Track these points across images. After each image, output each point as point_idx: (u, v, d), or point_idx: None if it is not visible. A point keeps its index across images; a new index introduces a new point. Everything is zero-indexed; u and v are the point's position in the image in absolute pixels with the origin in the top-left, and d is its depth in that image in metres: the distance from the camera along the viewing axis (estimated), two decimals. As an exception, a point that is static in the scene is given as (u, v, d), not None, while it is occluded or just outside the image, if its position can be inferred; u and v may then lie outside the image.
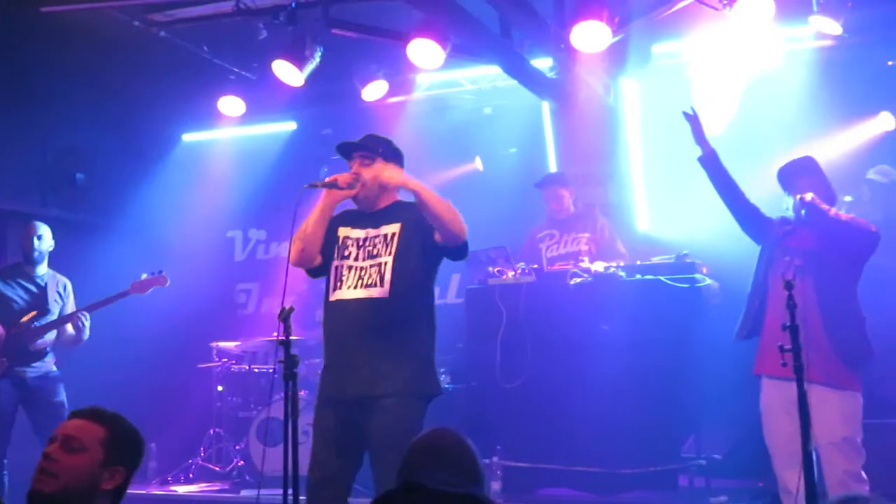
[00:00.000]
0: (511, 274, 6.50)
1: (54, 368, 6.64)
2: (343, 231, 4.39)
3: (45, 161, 7.95)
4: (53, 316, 6.55)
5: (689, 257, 6.21)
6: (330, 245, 4.38)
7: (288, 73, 6.67)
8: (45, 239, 6.60)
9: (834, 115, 6.80)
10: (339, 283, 4.33)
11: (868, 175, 6.52)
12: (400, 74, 7.61)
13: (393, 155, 4.45)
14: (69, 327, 6.56)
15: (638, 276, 6.12)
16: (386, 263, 4.25)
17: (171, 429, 7.21)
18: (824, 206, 4.72)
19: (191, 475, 7.36)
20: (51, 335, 6.54)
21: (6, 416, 6.36)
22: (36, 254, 6.56)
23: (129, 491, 2.88)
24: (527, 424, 6.24)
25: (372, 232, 4.35)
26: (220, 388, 7.66)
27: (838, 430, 4.52)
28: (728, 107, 6.98)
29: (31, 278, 6.60)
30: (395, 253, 4.25)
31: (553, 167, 8.04)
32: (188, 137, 9.09)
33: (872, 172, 6.47)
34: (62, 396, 6.59)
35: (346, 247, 4.36)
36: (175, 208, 8.23)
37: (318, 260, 4.39)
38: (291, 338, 3.98)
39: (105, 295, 6.59)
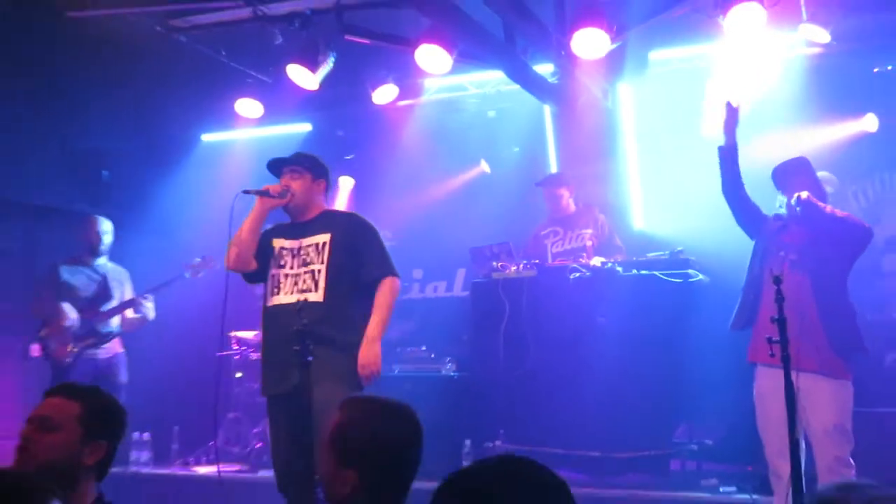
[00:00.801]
0: (514, 268, 6.52)
1: (121, 350, 6.88)
2: (277, 242, 4.54)
3: (73, 160, 7.98)
4: (115, 302, 6.73)
5: (683, 253, 6.22)
6: (266, 255, 4.53)
7: (303, 76, 6.69)
8: (108, 233, 6.84)
9: (822, 118, 6.80)
10: (276, 290, 4.47)
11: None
12: (409, 79, 7.62)
13: (319, 171, 4.61)
14: (130, 312, 6.78)
15: (634, 272, 6.12)
16: (319, 270, 4.38)
17: (192, 413, 7.24)
18: (820, 204, 4.73)
19: (211, 456, 7.40)
20: (115, 320, 6.73)
21: None
22: (102, 247, 6.81)
23: (153, 471, 2.88)
24: (528, 411, 6.26)
25: (304, 241, 4.48)
26: (238, 375, 7.70)
27: (831, 418, 4.53)
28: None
29: (93, 268, 6.79)
30: (328, 260, 4.38)
31: (554, 167, 8.06)
32: (207, 138, 9.11)
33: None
34: (124, 377, 6.83)
35: (282, 256, 4.50)
36: (195, 204, 8.24)
37: (253, 265, 4.54)
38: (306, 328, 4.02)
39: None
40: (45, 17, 6.83)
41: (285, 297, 4.41)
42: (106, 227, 6.88)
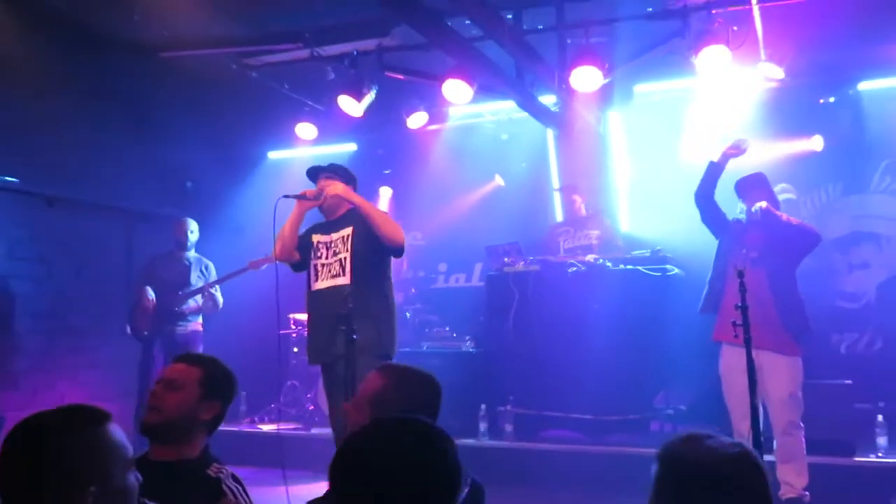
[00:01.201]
0: (522, 264, 6.52)
1: (199, 329, 6.89)
2: (315, 237, 4.56)
3: (162, 172, 8.03)
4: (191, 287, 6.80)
5: (662, 252, 6.21)
6: (307, 249, 4.55)
7: (350, 105, 6.70)
8: (194, 232, 6.93)
9: (778, 138, 6.75)
10: (316, 277, 4.48)
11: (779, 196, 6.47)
12: (436, 107, 7.61)
13: (348, 178, 4.62)
14: (199, 298, 6.79)
15: (621, 267, 6.12)
16: (346, 258, 4.39)
17: (258, 381, 7.28)
18: (777, 212, 4.73)
19: (273, 416, 7.45)
20: (192, 302, 6.76)
21: (161, 364, 6.53)
22: (189, 242, 6.89)
23: (223, 428, 2.86)
24: (533, 380, 6.26)
25: (335, 235, 4.49)
26: (295, 350, 7.73)
27: (786, 388, 4.52)
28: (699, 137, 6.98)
29: (180, 259, 6.83)
30: (351, 250, 4.38)
31: (556, 181, 8.03)
32: (273, 155, 9.15)
33: (779, 193, 6.41)
34: (200, 350, 6.72)
35: (319, 249, 4.52)
36: (261, 210, 8.24)
37: (296, 256, 4.56)
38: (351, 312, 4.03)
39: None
40: (142, 56, 6.90)
41: (322, 283, 4.43)
42: (193, 227, 6.94)
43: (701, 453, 1.70)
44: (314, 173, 4.66)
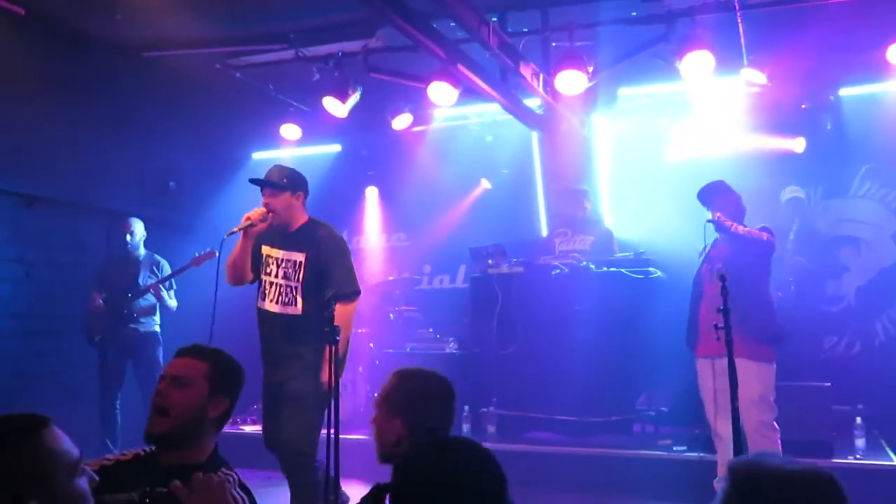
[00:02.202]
0: (506, 266, 6.54)
1: (155, 330, 6.70)
2: (265, 249, 4.34)
3: (145, 172, 7.99)
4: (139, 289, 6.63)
5: (645, 254, 6.24)
6: (256, 260, 4.34)
7: (335, 106, 6.71)
8: (136, 232, 6.70)
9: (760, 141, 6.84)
10: (264, 295, 4.32)
11: (785, 195, 6.55)
12: (421, 109, 7.63)
13: (297, 185, 4.28)
14: (150, 297, 6.61)
15: (604, 269, 6.15)
16: (297, 288, 4.23)
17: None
18: (727, 223, 4.73)
19: (255, 417, 7.41)
20: (143, 302, 6.59)
21: (117, 368, 6.45)
22: (131, 243, 6.67)
23: None
24: (517, 382, 6.28)
25: (286, 255, 4.28)
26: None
27: (755, 391, 4.56)
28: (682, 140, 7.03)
29: (130, 261, 6.67)
30: (303, 280, 4.22)
31: (540, 184, 8.08)
32: (257, 155, 9.10)
33: (789, 192, 6.49)
34: (157, 352, 6.65)
35: (269, 265, 4.32)
36: (245, 210, 8.24)
37: (250, 277, 4.37)
38: (333, 313, 4.01)
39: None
40: (125, 56, 6.87)
41: (272, 305, 4.27)
42: (136, 227, 6.73)
43: (776, 469, 1.60)
44: (258, 184, 4.33)
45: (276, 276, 4.27)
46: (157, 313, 6.73)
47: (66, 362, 6.87)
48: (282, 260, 4.28)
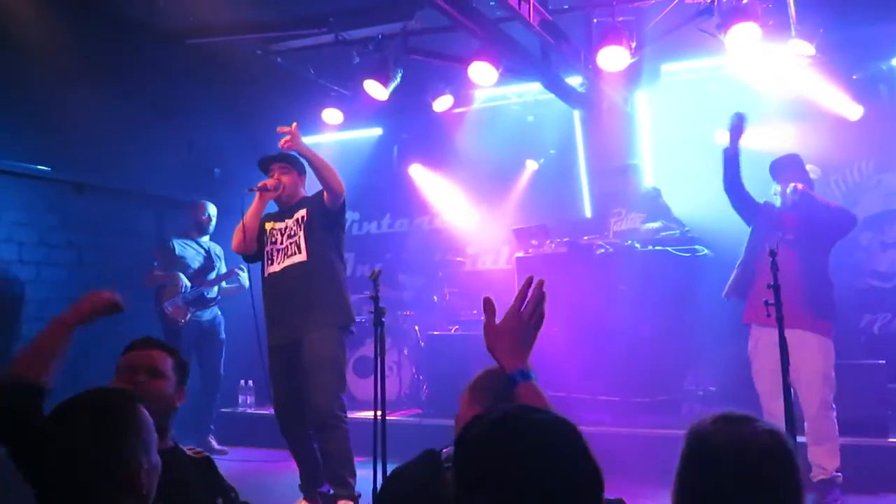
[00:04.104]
0: (549, 246, 6.49)
1: (220, 313, 6.98)
2: (269, 225, 4.68)
3: (191, 159, 8.09)
4: (216, 273, 6.87)
5: (690, 232, 6.14)
6: (261, 237, 4.66)
7: (375, 89, 6.69)
8: (214, 216, 6.97)
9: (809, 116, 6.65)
10: (269, 262, 4.60)
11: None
12: (462, 90, 7.58)
13: (302, 168, 4.75)
14: (224, 283, 6.87)
15: (650, 248, 6.07)
16: (300, 237, 4.52)
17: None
18: (812, 194, 4.67)
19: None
20: (216, 287, 6.84)
21: (189, 351, 6.55)
22: (209, 227, 6.93)
23: (256, 411, 2.84)
24: (560, 362, 6.22)
25: (289, 221, 4.61)
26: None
27: (820, 367, 4.48)
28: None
29: (200, 244, 6.89)
30: (305, 227, 4.52)
31: (583, 163, 7.99)
32: (299, 140, 9.14)
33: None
34: (223, 335, 6.95)
35: (273, 235, 4.62)
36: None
37: (255, 246, 4.67)
38: (379, 294, 4.07)
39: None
40: (169, 43, 6.93)
41: (278, 266, 4.54)
42: (212, 211, 6.97)
43: (731, 438, 1.61)
44: (266, 164, 4.77)
45: (281, 242, 4.57)
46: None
47: (122, 345, 7.00)
48: (285, 227, 4.60)
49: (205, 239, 6.95)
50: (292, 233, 4.55)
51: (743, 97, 6.90)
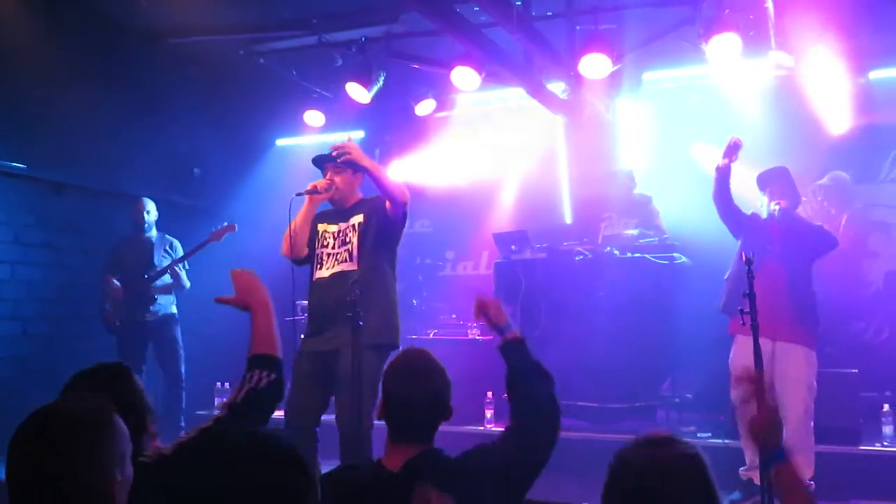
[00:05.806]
0: (529, 251, 6.51)
1: (173, 311, 6.72)
2: (322, 227, 4.47)
3: (170, 159, 8.04)
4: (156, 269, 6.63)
5: (669, 240, 6.18)
6: (312, 238, 4.45)
7: (358, 92, 6.71)
8: (151, 212, 6.74)
9: (790, 129, 6.72)
10: (319, 266, 4.39)
11: (825, 181, 6.38)
12: (444, 94, 7.61)
13: (354, 166, 4.41)
14: (167, 278, 6.64)
15: (629, 254, 6.10)
16: (353, 246, 4.31)
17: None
18: (795, 214, 4.77)
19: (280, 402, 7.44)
20: (160, 283, 6.60)
21: (139, 351, 6.47)
22: (146, 222, 6.70)
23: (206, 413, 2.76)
24: (540, 368, 6.25)
25: (343, 225, 4.40)
26: (303, 336, 7.74)
27: (804, 378, 4.54)
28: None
29: (142, 242, 6.69)
30: (359, 235, 4.31)
31: (564, 169, 8.02)
32: (280, 142, 9.14)
33: (828, 178, 6.34)
34: (176, 334, 6.70)
35: (325, 238, 4.42)
36: (269, 196, 8.27)
37: (305, 252, 4.44)
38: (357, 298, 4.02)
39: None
40: (150, 42, 6.91)
41: (327, 271, 4.35)
42: (150, 207, 6.77)
43: (650, 461, 1.65)
44: (320, 162, 4.52)
45: (334, 246, 4.38)
46: (173, 295, 6.76)
47: (94, 346, 6.94)
48: (339, 231, 4.40)
49: (152, 234, 6.75)
50: (346, 238, 4.35)
51: (723, 108, 6.99)
